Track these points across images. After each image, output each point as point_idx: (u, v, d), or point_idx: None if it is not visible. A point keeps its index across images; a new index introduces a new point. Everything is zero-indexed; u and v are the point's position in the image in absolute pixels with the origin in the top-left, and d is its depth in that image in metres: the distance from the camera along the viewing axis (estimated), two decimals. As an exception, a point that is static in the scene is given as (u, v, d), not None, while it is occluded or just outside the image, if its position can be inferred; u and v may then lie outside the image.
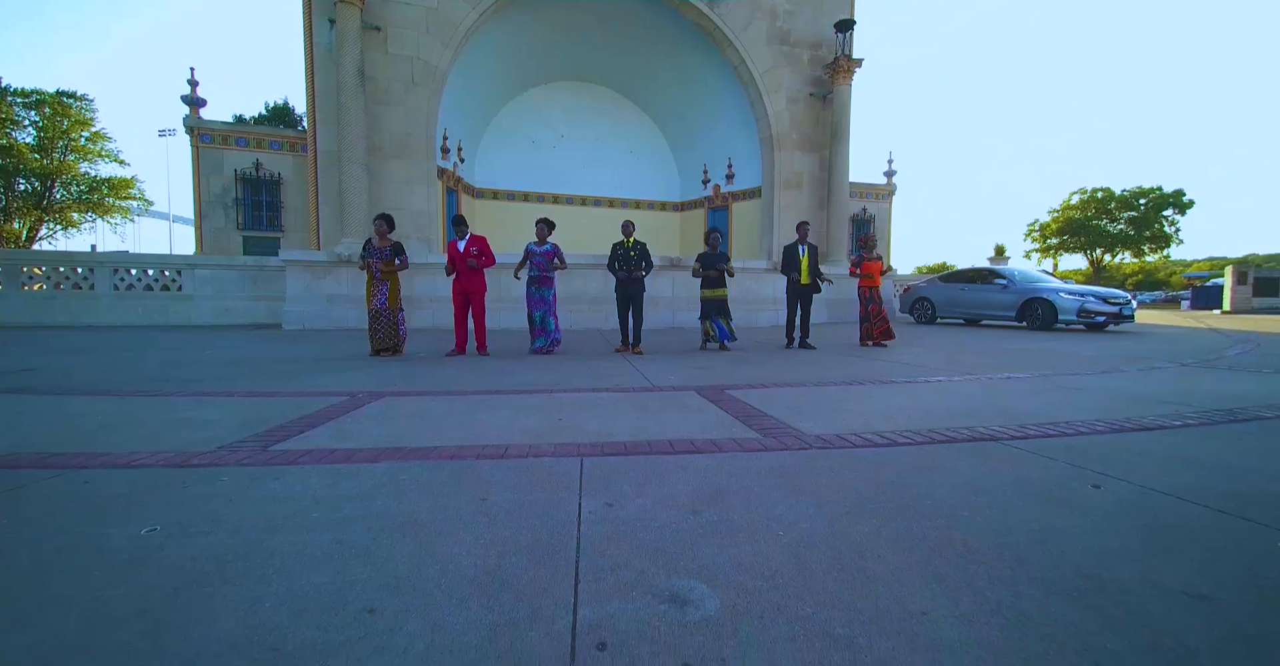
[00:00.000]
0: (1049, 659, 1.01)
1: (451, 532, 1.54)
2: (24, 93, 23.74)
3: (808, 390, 3.93)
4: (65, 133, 24.24)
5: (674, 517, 1.65)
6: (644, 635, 1.08)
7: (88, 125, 24.84)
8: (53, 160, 24.24)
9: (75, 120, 24.27)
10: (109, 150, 25.68)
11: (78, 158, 25.16)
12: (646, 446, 2.42)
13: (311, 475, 2.02)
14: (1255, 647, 1.04)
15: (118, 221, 27.40)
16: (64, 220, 25.82)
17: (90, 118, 24.93)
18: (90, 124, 24.96)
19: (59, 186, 24.93)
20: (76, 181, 25.25)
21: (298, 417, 2.92)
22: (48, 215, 25.01)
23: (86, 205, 25.66)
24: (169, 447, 2.36)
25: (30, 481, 1.93)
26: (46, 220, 25.15)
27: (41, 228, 25.15)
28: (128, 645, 1.04)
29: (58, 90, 24.34)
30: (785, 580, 1.29)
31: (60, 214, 25.46)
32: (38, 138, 23.95)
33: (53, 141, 24.14)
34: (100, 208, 26.04)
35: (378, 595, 1.22)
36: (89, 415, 3.00)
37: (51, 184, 24.57)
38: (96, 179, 25.71)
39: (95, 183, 25.62)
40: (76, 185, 25.36)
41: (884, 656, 1.02)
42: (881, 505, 1.76)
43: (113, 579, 1.29)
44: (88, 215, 26.16)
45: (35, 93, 23.82)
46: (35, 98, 23.70)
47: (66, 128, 24.11)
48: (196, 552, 1.42)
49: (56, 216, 25.45)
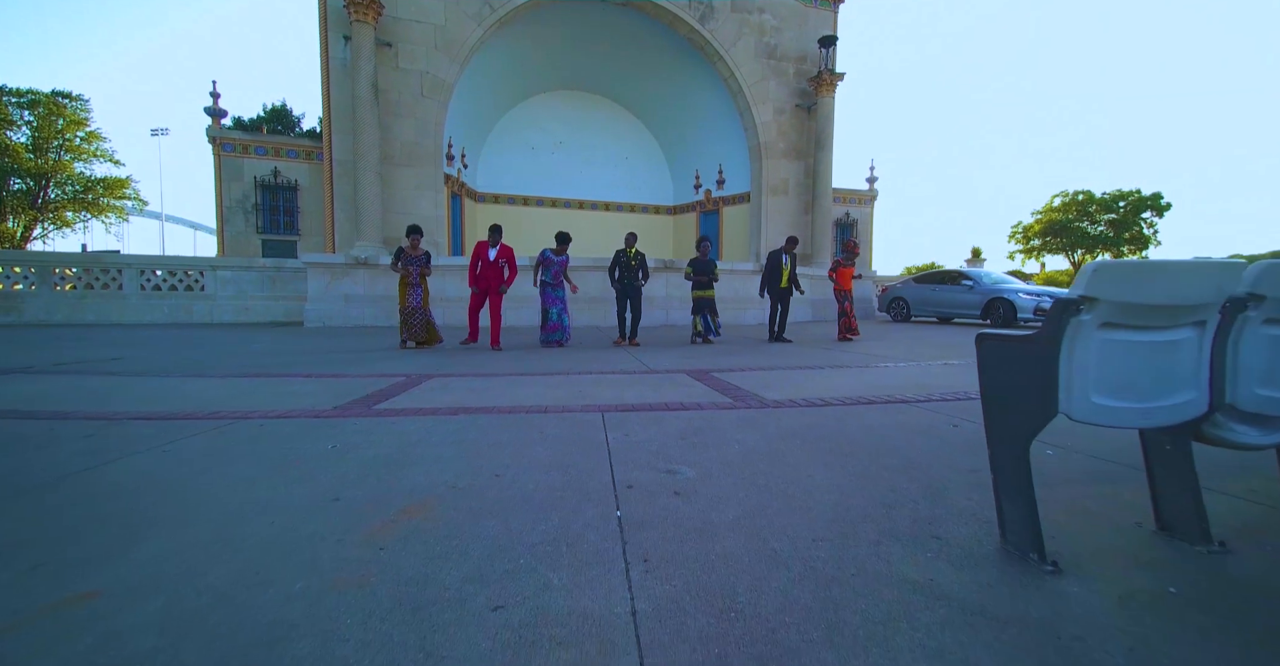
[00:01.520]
0: (870, 489, 1.91)
1: (528, 447, 2.42)
2: (18, 92, 23.82)
3: (776, 372, 4.83)
4: (60, 132, 24.39)
5: (667, 440, 2.54)
6: (653, 484, 1.96)
7: (83, 125, 25.04)
8: (47, 160, 24.32)
9: (70, 120, 24.47)
10: (104, 150, 25.88)
11: (72, 157, 25.24)
12: (648, 406, 3.30)
13: (415, 421, 2.89)
14: (981, 479, 1.94)
15: (111, 221, 27.53)
16: (58, 219, 25.91)
17: (85, 118, 25.13)
18: (85, 124, 25.16)
19: (53, 186, 24.98)
20: (71, 181, 25.33)
21: (375, 391, 3.78)
22: (42, 214, 25.09)
23: (81, 204, 25.77)
24: (299, 408, 3.21)
25: (223, 425, 2.78)
26: (41, 220, 25.26)
27: (36, 227, 25.22)
28: (366, 484, 1.91)
29: (53, 90, 24.51)
30: (733, 465, 2.18)
31: (55, 213, 25.56)
32: (32, 137, 24.02)
33: (47, 141, 24.25)
34: (95, 207, 26.15)
35: (498, 471, 2.09)
36: (210, 390, 3.84)
37: (46, 183, 24.65)
38: (91, 179, 25.84)
39: (90, 182, 25.76)
40: (71, 185, 25.44)
41: (783, 489, 1.91)
42: (805, 435, 2.66)
43: (337, 461, 2.16)
44: (82, 214, 26.26)
45: (30, 92, 23.89)
46: (30, 97, 23.80)
47: (62, 127, 24.28)
48: (372, 455, 2.28)
49: (51, 216, 25.56)
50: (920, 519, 1.67)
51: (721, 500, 1.82)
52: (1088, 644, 1.07)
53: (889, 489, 1.93)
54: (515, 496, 1.84)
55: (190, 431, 2.65)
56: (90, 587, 1.25)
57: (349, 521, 1.63)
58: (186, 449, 2.37)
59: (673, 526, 1.61)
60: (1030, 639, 1.09)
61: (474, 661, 1.01)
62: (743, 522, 1.64)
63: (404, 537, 1.52)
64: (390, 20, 12.45)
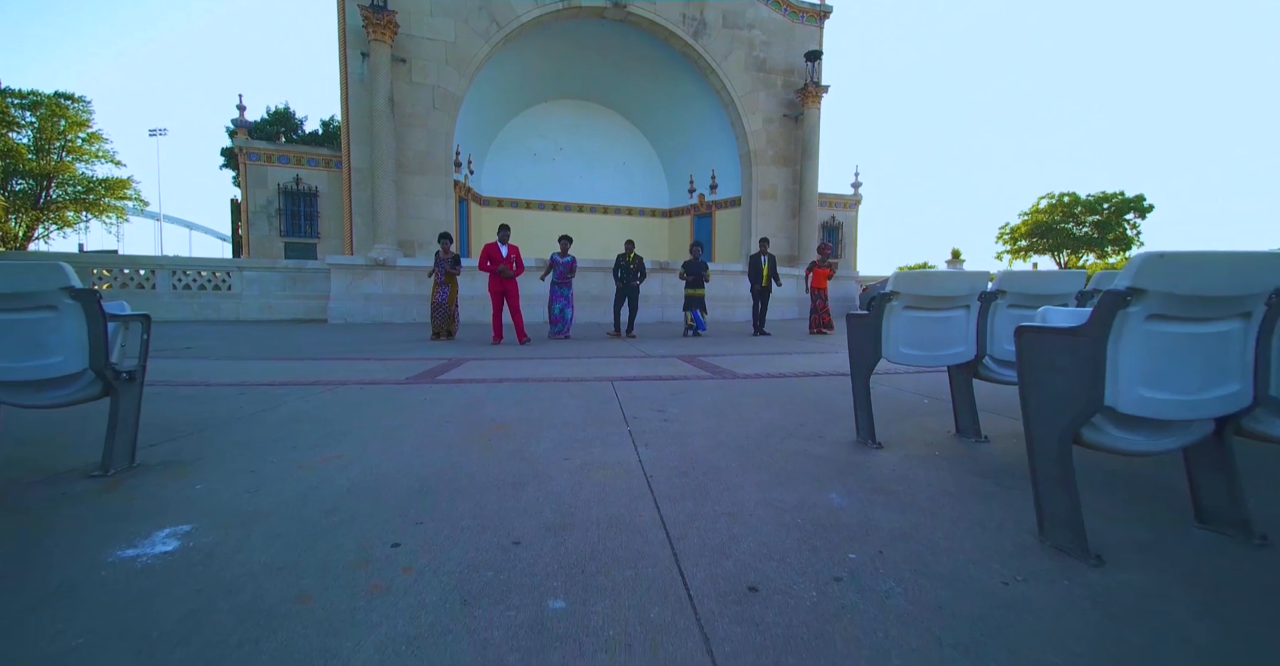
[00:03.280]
0: (791, 418, 2.91)
1: (560, 399, 3.41)
2: (20, 93, 23.99)
3: (751, 356, 5.84)
4: (62, 133, 24.51)
5: (659, 396, 3.54)
6: (649, 417, 2.96)
7: (84, 126, 25.24)
8: (49, 160, 24.50)
9: (72, 121, 24.67)
10: (105, 151, 26.11)
11: (74, 158, 25.37)
12: (646, 378, 4.30)
13: (472, 386, 3.87)
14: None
15: (112, 221, 27.68)
16: (59, 219, 25.97)
17: (87, 119, 25.32)
18: (87, 125, 25.32)
19: (55, 186, 25.14)
20: (73, 181, 25.52)
21: (430, 368, 4.76)
22: (44, 214, 25.23)
23: (82, 205, 25.93)
24: (380, 378, 4.19)
25: (334, 388, 3.76)
26: (43, 220, 25.40)
27: (38, 227, 25.35)
28: (460, 417, 2.90)
29: (55, 91, 24.69)
30: (704, 408, 3.18)
31: (56, 213, 25.71)
32: (34, 138, 24.19)
33: (49, 142, 24.42)
34: (96, 207, 26.30)
35: (546, 411, 3.09)
36: (299, 368, 4.81)
37: (48, 184, 24.83)
38: (93, 179, 26.03)
39: (91, 183, 25.95)
40: (73, 185, 25.62)
41: (733, 419, 2.92)
42: (759, 393, 3.66)
43: (433, 406, 3.16)
44: (82, 214, 26.39)
45: (32, 94, 24.06)
46: (32, 98, 23.99)
47: (64, 128, 24.45)
48: (454, 403, 3.27)
49: (53, 216, 25.70)
50: (815, 430, 2.68)
51: (692, 423, 2.82)
52: (872, 471, 2.08)
53: (804, 419, 2.93)
54: (561, 422, 2.84)
55: (312, 392, 3.63)
56: (335, 453, 2.24)
57: (463, 430, 2.62)
58: (321, 400, 3.36)
59: (660, 434, 2.61)
60: (851, 470, 2.09)
61: (563, 479, 1.99)
62: (703, 433, 2.64)
63: (500, 437, 2.51)
64: (405, 38, 13.40)
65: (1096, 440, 1.44)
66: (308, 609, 1.16)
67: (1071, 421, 1.41)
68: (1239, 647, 1.06)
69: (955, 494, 1.85)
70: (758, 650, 1.03)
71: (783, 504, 1.74)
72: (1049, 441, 1.46)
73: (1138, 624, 1.12)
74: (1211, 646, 1.06)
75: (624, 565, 1.35)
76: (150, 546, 1.44)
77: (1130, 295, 1.32)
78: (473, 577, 1.28)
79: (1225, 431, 1.52)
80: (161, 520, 1.60)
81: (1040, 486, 1.49)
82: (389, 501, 1.74)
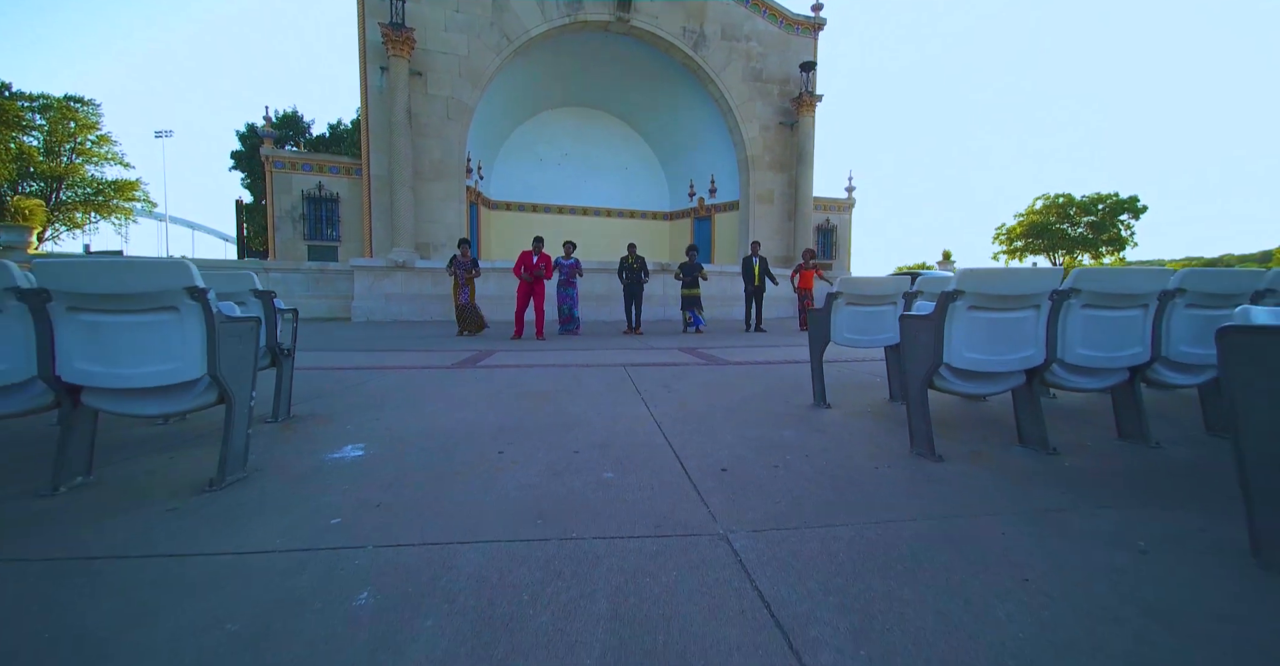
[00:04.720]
0: (769, 390, 3.75)
1: (584, 378, 4.24)
2: (31, 97, 24.55)
3: (742, 348, 6.67)
4: (72, 135, 25.10)
5: (664, 376, 4.37)
6: (656, 390, 3.80)
7: (94, 128, 25.80)
8: (60, 162, 25.08)
9: (82, 124, 25.23)
10: (114, 153, 26.69)
11: (84, 160, 25.97)
12: (652, 364, 5.13)
13: (510, 370, 4.70)
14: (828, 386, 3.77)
15: (120, 222, 28.18)
16: (69, 220, 26.40)
17: (96, 121, 25.91)
18: (96, 127, 25.92)
19: (65, 188, 25.69)
20: (83, 183, 26.06)
21: (468, 357, 5.59)
22: (54, 216, 25.44)
23: (91, 206, 26.41)
24: (432, 365, 5.02)
25: (400, 371, 4.59)
26: (54, 221, 25.83)
27: (48, 228, 25.70)
28: (507, 390, 3.74)
29: (65, 95, 25.24)
30: (701, 383, 4.02)
31: (66, 215, 26.06)
32: (45, 141, 24.71)
33: (60, 144, 25.04)
34: (105, 208, 26.79)
35: (574, 385, 3.92)
36: (361, 358, 5.64)
37: (59, 185, 25.37)
38: (102, 181, 26.58)
39: (101, 184, 26.50)
40: (82, 187, 26.16)
41: (723, 390, 3.75)
42: (746, 374, 4.49)
43: (484, 383, 3.99)
44: (91, 215, 26.87)
45: (42, 97, 24.62)
46: (42, 102, 24.53)
47: (74, 130, 25.03)
48: (501, 380, 4.11)
49: (63, 217, 26.08)
50: (784, 398, 3.52)
51: (690, 393, 3.65)
52: (817, 420, 2.91)
53: (778, 390, 3.77)
54: (589, 392, 3.67)
55: (384, 375, 4.47)
56: (430, 410, 3.08)
57: (515, 398, 3.45)
58: (395, 379, 4.19)
59: (665, 399, 3.44)
60: (803, 419, 2.92)
61: (599, 423, 2.82)
62: (698, 398, 3.47)
63: (544, 401, 3.35)
64: (421, 52, 14.23)
65: (943, 386, 2.28)
66: (463, 477, 2.00)
67: (927, 371, 2.24)
68: (1024, 500, 1.89)
69: (870, 432, 2.68)
70: (726, 493, 1.86)
71: (748, 435, 2.57)
72: (916, 385, 2.30)
73: (958, 487, 1.95)
74: (1003, 499, 1.89)
75: (646, 460, 2.19)
76: (346, 453, 2.28)
77: (955, 295, 2.16)
78: (556, 465, 2.12)
79: (1032, 381, 2.35)
80: (342, 443, 2.44)
81: (912, 416, 2.33)
82: (483, 436, 2.58)
